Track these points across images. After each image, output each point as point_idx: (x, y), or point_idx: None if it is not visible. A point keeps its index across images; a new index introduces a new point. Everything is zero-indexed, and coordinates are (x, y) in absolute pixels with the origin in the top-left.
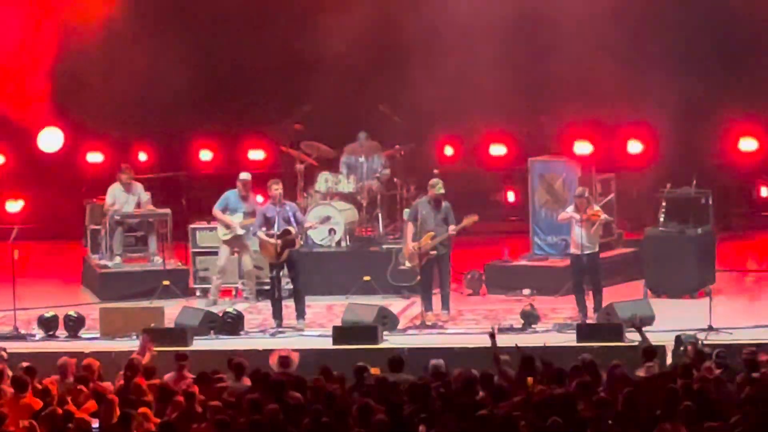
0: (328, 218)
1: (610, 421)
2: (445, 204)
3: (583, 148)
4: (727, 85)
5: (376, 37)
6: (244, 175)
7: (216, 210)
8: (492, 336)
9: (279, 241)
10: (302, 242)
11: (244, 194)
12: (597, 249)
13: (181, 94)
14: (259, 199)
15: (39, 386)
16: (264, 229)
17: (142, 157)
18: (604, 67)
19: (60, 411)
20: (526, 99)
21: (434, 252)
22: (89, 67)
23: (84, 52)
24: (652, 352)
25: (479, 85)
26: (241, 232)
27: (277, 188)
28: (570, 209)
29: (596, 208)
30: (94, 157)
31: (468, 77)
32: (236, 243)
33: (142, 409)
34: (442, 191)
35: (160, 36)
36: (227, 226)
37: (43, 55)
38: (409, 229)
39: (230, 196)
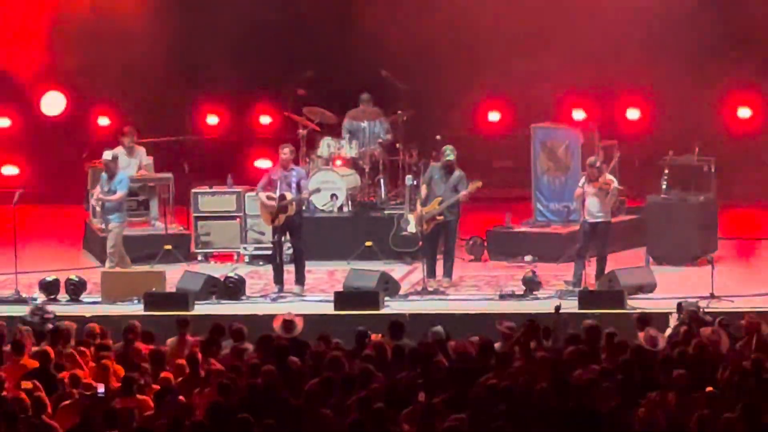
0: (318, 190)
1: (606, 385)
2: (458, 172)
3: (580, 115)
4: (731, 55)
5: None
6: (105, 154)
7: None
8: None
9: (274, 205)
10: (300, 209)
11: (109, 174)
12: (609, 218)
13: (187, 57)
14: (268, 164)
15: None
16: (267, 191)
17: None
18: (604, 38)
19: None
20: (524, 65)
21: (441, 217)
22: (92, 28)
23: (88, 15)
24: (645, 320)
25: (480, 51)
26: (96, 208)
27: (283, 153)
28: (582, 181)
29: (609, 177)
30: (101, 121)
31: (468, 44)
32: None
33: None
34: (451, 158)
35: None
36: None
37: (46, 18)
38: (422, 191)
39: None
